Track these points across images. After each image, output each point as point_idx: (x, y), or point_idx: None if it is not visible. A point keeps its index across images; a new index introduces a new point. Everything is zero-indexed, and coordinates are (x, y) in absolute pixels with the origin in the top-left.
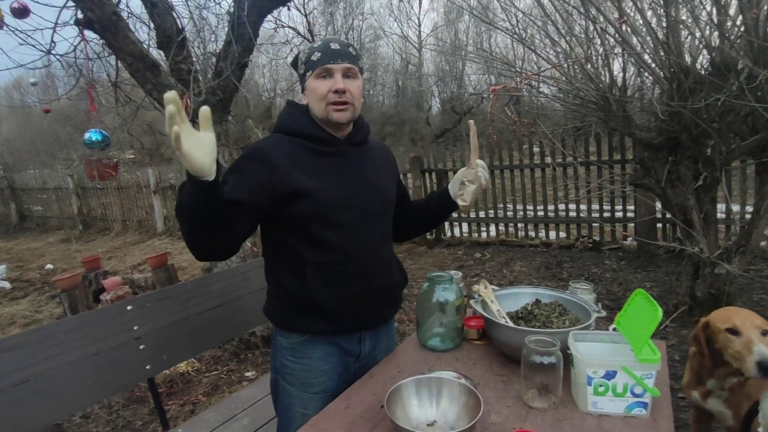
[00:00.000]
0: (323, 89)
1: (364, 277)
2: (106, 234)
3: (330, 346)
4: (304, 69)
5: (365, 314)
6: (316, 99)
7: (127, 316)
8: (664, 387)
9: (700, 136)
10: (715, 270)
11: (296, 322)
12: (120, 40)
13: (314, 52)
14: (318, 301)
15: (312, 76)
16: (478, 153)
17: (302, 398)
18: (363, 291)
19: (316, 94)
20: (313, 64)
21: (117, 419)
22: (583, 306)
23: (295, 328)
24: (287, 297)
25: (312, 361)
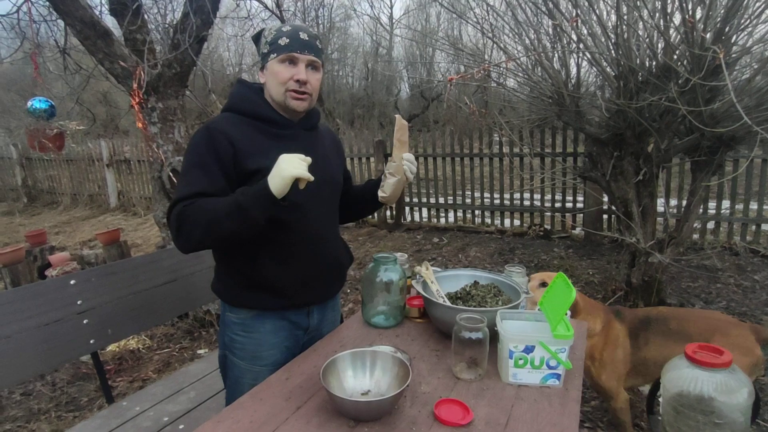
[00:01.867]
0: (285, 75)
1: (314, 256)
2: (53, 208)
3: (280, 321)
4: (268, 49)
5: (314, 290)
6: (277, 83)
7: (70, 290)
8: (579, 361)
9: (642, 134)
10: (649, 259)
11: (246, 299)
12: (67, 3)
13: (282, 36)
14: (269, 278)
15: (276, 60)
16: (405, 148)
17: (252, 371)
18: (313, 268)
19: (277, 78)
20: (280, 48)
21: (61, 396)
22: (516, 288)
23: (245, 304)
24: (237, 274)
25: (262, 335)
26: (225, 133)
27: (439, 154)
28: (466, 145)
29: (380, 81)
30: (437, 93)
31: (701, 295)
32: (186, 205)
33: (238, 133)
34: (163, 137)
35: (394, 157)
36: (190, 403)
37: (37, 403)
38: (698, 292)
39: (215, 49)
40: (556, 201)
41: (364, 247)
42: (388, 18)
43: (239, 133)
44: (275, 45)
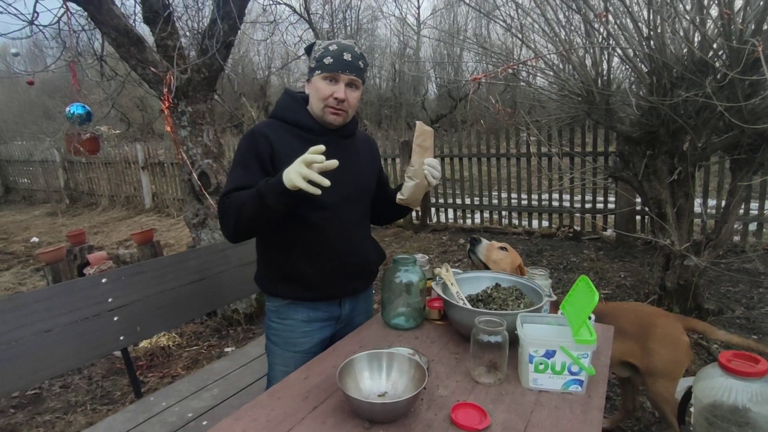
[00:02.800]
0: (326, 92)
1: (342, 254)
2: (92, 209)
3: (312, 311)
4: (314, 65)
5: (342, 286)
6: (318, 98)
7: (101, 288)
8: (603, 367)
9: (677, 132)
10: (685, 262)
11: (280, 289)
12: (103, 13)
13: (328, 55)
14: (300, 272)
15: (319, 76)
16: (427, 154)
17: (284, 356)
18: (340, 266)
19: (319, 93)
20: (324, 67)
21: (96, 389)
22: (538, 291)
23: (279, 293)
24: (273, 266)
25: (295, 322)
26: (265, 136)
27: (466, 155)
28: (493, 145)
29: (407, 81)
30: (465, 93)
31: (742, 300)
32: (225, 199)
33: (277, 137)
34: (192, 140)
35: (413, 161)
36: (214, 400)
37: (74, 396)
38: (739, 297)
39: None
40: (586, 201)
41: (390, 248)
42: (415, 18)
43: (279, 137)
44: (320, 63)
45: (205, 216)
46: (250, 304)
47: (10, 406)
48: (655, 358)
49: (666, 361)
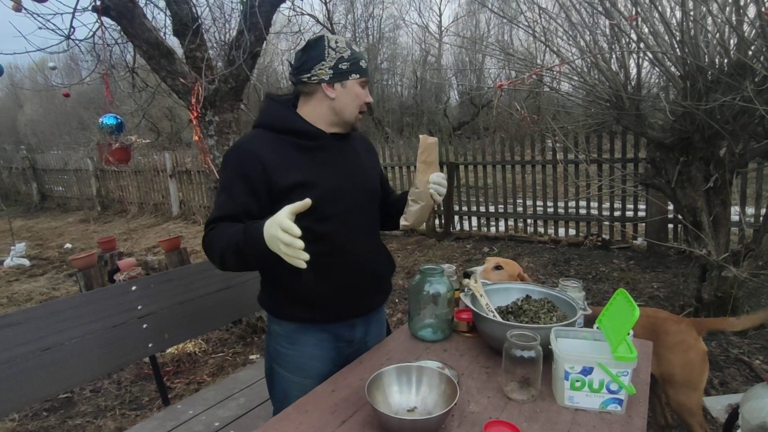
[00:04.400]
0: (363, 97)
1: (355, 267)
2: (123, 216)
3: (322, 333)
4: (348, 67)
5: (357, 303)
6: (356, 104)
7: (131, 296)
8: (643, 385)
9: (712, 137)
10: (723, 273)
11: (290, 311)
12: (136, 27)
13: (361, 58)
14: (311, 292)
15: (358, 81)
16: (432, 169)
17: (300, 383)
18: (355, 280)
19: (358, 99)
20: (362, 71)
21: (125, 394)
22: (572, 304)
23: (288, 316)
24: (280, 287)
25: (306, 347)
26: (253, 152)
27: (489, 162)
28: (518, 152)
29: (429, 89)
30: (487, 100)
31: None
32: (209, 230)
33: (268, 150)
34: (219, 149)
35: (417, 182)
36: (240, 409)
37: (104, 400)
38: None
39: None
40: (615, 209)
41: (413, 256)
42: (437, 26)
43: (270, 150)
44: (356, 66)
45: None
46: None
47: (43, 410)
48: (671, 366)
49: (682, 369)
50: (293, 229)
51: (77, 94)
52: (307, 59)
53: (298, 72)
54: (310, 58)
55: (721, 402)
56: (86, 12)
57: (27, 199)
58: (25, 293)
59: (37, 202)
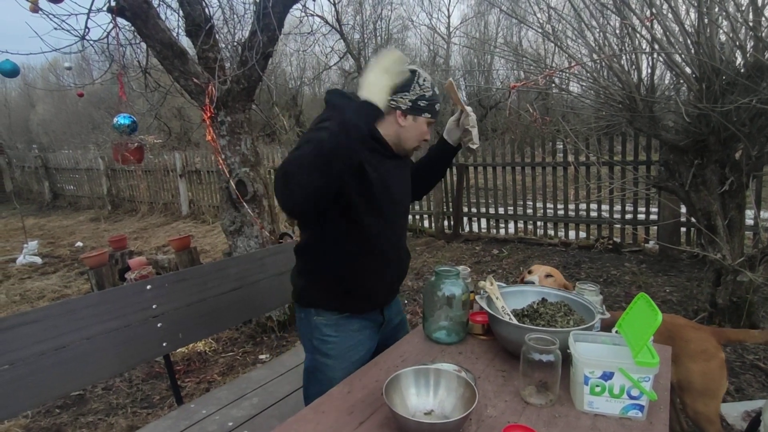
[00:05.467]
0: (425, 135)
1: (396, 263)
2: (133, 215)
3: (363, 320)
4: (425, 105)
5: (389, 292)
6: (418, 138)
7: (146, 295)
8: (664, 391)
9: (728, 140)
10: (738, 278)
11: (339, 302)
12: (150, 27)
13: (437, 102)
14: (365, 285)
15: (427, 119)
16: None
17: (345, 368)
18: (395, 274)
19: (422, 134)
20: (434, 112)
21: (136, 392)
22: (589, 307)
23: (336, 307)
24: (334, 281)
25: (352, 333)
26: None
27: (499, 164)
28: (527, 153)
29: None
30: (495, 101)
31: None
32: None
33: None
34: (231, 149)
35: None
36: (253, 409)
37: (115, 398)
38: None
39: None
40: (626, 212)
41: (422, 258)
42: (446, 27)
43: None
44: (432, 108)
45: (242, 224)
46: (283, 311)
47: (56, 406)
48: (690, 375)
49: (702, 378)
50: None
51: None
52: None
53: None
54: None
55: (737, 409)
56: (101, 12)
57: (39, 197)
58: (37, 291)
59: (49, 200)
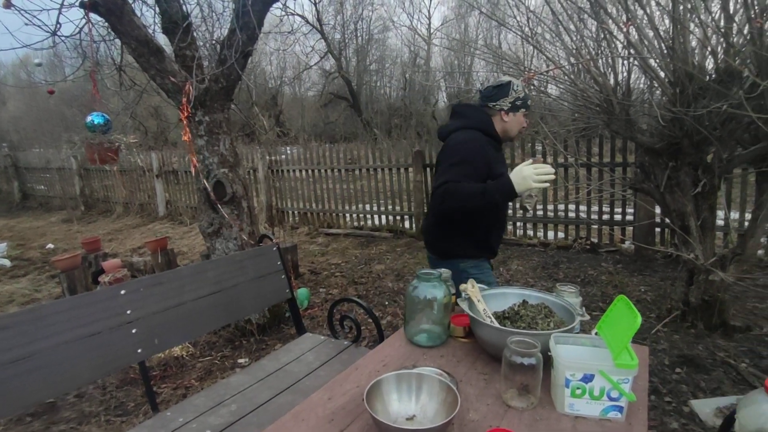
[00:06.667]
0: (523, 123)
1: (503, 227)
2: (107, 216)
3: (487, 263)
4: (521, 103)
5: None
6: (519, 126)
7: (120, 300)
8: (642, 392)
9: (701, 143)
10: (710, 277)
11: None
12: (125, 24)
13: (528, 98)
14: (491, 241)
15: (523, 113)
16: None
17: None
18: (501, 235)
19: (521, 124)
20: (527, 107)
21: (110, 399)
22: (569, 309)
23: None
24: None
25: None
26: (484, 146)
27: None
28: (507, 154)
29: (418, 91)
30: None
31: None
32: (453, 184)
33: (487, 147)
34: (209, 150)
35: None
36: (232, 416)
37: (88, 406)
38: (766, 314)
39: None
40: (603, 213)
41: (402, 259)
42: (426, 28)
43: (487, 146)
44: (525, 104)
45: (220, 225)
46: (263, 314)
47: (27, 415)
48: None
49: None
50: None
51: (60, 92)
52: (496, 93)
53: (487, 99)
54: (499, 93)
55: (710, 405)
56: (73, 8)
57: (8, 197)
58: (6, 295)
59: (18, 200)
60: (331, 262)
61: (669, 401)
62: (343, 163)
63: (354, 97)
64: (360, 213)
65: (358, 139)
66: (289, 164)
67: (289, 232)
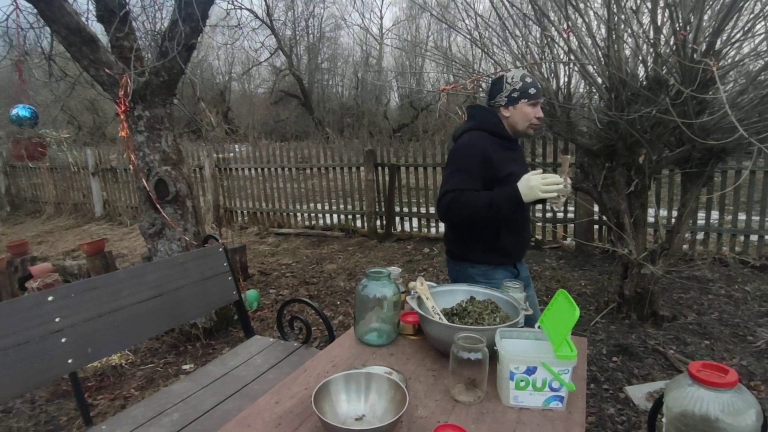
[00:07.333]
0: (531, 114)
1: (523, 230)
2: (36, 217)
3: (506, 271)
4: (518, 95)
5: (521, 251)
6: (525, 119)
7: (48, 308)
8: (581, 381)
9: (633, 145)
10: (642, 270)
11: (487, 257)
12: (54, 10)
13: (531, 87)
14: (504, 245)
15: (527, 103)
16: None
17: None
18: (522, 238)
19: (527, 116)
20: (530, 96)
21: (40, 414)
22: (513, 304)
23: (485, 261)
24: (484, 243)
25: (497, 280)
26: (485, 149)
27: (429, 164)
28: None
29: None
30: (426, 103)
31: (693, 307)
32: (457, 194)
33: (492, 150)
34: (149, 146)
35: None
36: (174, 426)
37: (16, 422)
38: (690, 304)
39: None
40: (546, 211)
41: (354, 258)
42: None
43: (491, 148)
44: (525, 93)
45: (163, 226)
46: (209, 318)
47: None
48: None
49: None
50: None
51: None
52: (493, 91)
53: (489, 98)
54: (494, 90)
55: (642, 390)
56: None
57: None
58: None
59: None
60: (281, 263)
61: (606, 388)
62: (294, 162)
63: (305, 95)
64: (311, 212)
65: (310, 137)
66: (238, 162)
67: (238, 232)
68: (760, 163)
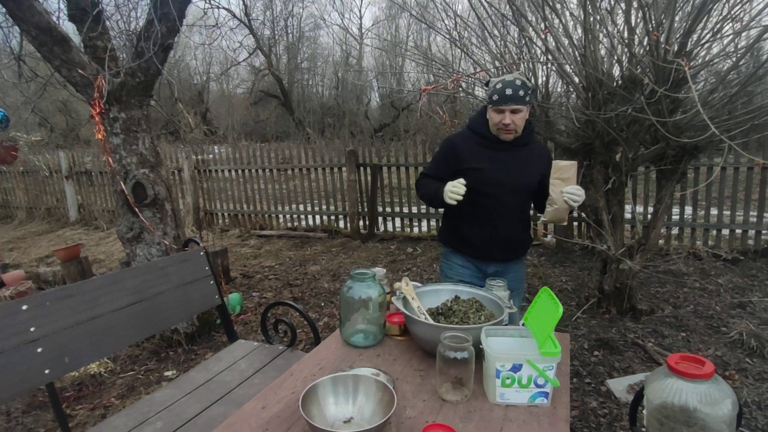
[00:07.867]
0: (496, 120)
1: (491, 230)
2: (7, 222)
3: (466, 261)
4: (488, 100)
5: (490, 250)
6: (492, 123)
7: (22, 317)
8: (564, 377)
9: (610, 143)
10: (620, 266)
11: (450, 241)
12: (24, 9)
13: (495, 93)
14: (466, 235)
15: (491, 109)
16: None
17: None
18: (491, 235)
19: (492, 120)
20: (493, 102)
21: (16, 426)
22: (498, 302)
23: (448, 244)
24: (451, 227)
25: (453, 264)
26: (454, 144)
27: (411, 164)
28: None
29: (350, 90)
30: (407, 102)
31: (670, 300)
32: (422, 178)
33: (463, 145)
34: (126, 149)
35: (551, 191)
36: None
37: None
38: (667, 297)
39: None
40: None
41: (338, 259)
42: (358, 28)
43: (465, 144)
44: (491, 99)
45: (141, 230)
46: (191, 323)
47: None
48: None
49: None
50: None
51: None
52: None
53: None
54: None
55: (623, 383)
56: None
57: None
58: None
59: None
60: (264, 265)
61: (589, 382)
62: (275, 163)
63: (285, 95)
64: (294, 213)
65: (291, 138)
66: (218, 164)
67: (219, 234)
68: (730, 160)
